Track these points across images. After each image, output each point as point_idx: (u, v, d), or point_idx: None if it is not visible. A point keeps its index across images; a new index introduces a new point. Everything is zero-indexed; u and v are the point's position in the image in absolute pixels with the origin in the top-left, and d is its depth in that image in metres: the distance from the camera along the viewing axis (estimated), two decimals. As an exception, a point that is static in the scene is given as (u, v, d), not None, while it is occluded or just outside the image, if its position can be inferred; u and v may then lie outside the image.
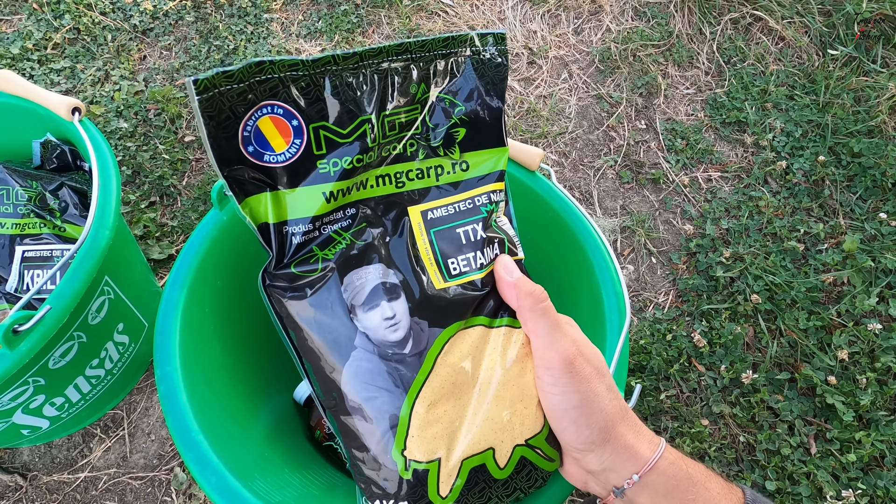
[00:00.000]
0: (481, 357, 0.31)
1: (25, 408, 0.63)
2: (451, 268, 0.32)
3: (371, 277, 0.30)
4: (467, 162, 0.34)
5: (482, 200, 0.33)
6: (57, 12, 1.23)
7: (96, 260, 0.57)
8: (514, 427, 0.30)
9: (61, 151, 0.75)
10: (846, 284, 0.94)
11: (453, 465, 0.29)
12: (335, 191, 0.30)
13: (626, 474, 0.29)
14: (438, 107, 0.32)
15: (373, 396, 0.29)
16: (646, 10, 1.30)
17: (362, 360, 0.30)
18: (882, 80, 1.15)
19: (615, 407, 0.29)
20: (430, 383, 0.30)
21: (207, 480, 0.45)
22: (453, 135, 0.33)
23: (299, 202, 0.30)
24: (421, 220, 0.32)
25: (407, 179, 0.32)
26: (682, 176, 1.09)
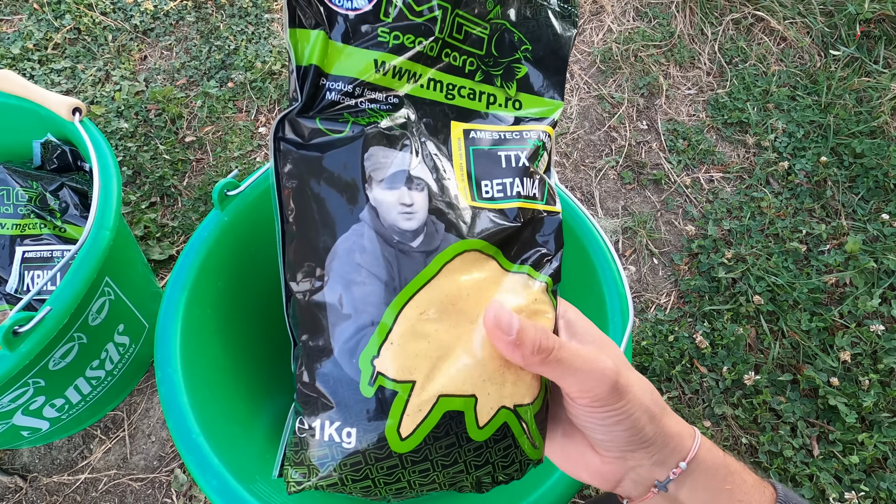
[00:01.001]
0: (489, 296, 0.27)
1: (25, 409, 0.63)
2: (482, 189, 0.28)
3: (398, 161, 0.27)
4: (521, 101, 0.32)
5: (531, 135, 0.31)
6: (57, 12, 1.23)
7: (97, 261, 0.56)
8: (504, 384, 0.26)
9: (62, 152, 0.74)
10: (848, 285, 0.94)
11: (428, 396, 0.24)
12: (388, 65, 0.27)
13: (672, 464, 0.27)
14: (507, 37, 0.31)
15: (360, 282, 0.25)
16: (647, 10, 1.30)
17: (362, 236, 0.25)
18: (884, 81, 1.15)
19: (655, 400, 0.27)
20: (429, 289, 0.25)
21: (208, 482, 0.45)
22: (514, 69, 0.31)
23: (348, 60, 0.27)
24: (462, 136, 0.30)
25: (458, 95, 0.30)
26: (684, 177, 1.08)
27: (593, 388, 0.25)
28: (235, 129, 1.10)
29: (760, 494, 0.29)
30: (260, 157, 1.08)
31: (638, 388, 0.27)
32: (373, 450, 0.24)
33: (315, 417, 0.25)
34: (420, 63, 0.29)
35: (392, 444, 0.24)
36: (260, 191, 0.63)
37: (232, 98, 1.14)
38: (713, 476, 0.28)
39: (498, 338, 0.25)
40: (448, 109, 0.30)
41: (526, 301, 0.27)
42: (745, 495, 0.28)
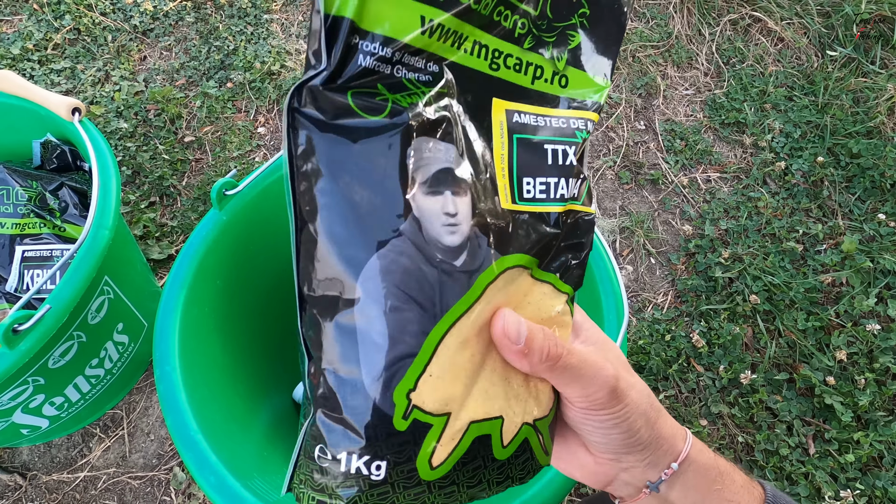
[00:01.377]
0: (521, 309, 0.24)
1: (25, 407, 0.63)
2: (524, 188, 0.25)
3: (443, 157, 0.22)
4: (567, 77, 0.27)
5: (578, 125, 0.27)
6: (57, 13, 1.23)
7: (96, 260, 0.57)
8: (527, 400, 0.25)
9: (61, 151, 0.75)
10: (845, 285, 0.94)
11: (461, 425, 0.23)
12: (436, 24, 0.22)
13: (664, 465, 0.28)
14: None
15: (399, 308, 0.21)
16: (645, 10, 1.30)
17: (403, 254, 0.21)
18: (881, 82, 1.16)
19: (651, 404, 0.28)
20: (470, 315, 0.22)
21: (206, 479, 0.45)
22: (567, 37, 0.27)
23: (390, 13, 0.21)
24: (505, 119, 0.25)
25: (504, 65, 0.25)
26: (681, 176, 1.09)
27: (594, 392, 0.25)
28: (234, 129, 1.10)
29: (749, 494, 0.29)
30: (259, 156, 1.08)
31: (636, 391, 0.27)
32: (402, 480, 0.23)
33: (340, 449, 0.22)
34: (469, 22, 0.23)
35: (422, 473, 0.23)
36: (258, 190, 0.64)
37: (231, 98, 1.14)
38: (703, 476, 0.29)
39: (506, 347, 0.24)
40: (491, 83, 0.25)
41: (549, 314, 0.26)
42: (734, 495, 0.29)
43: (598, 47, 0.28)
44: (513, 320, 0.23)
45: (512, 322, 0.23)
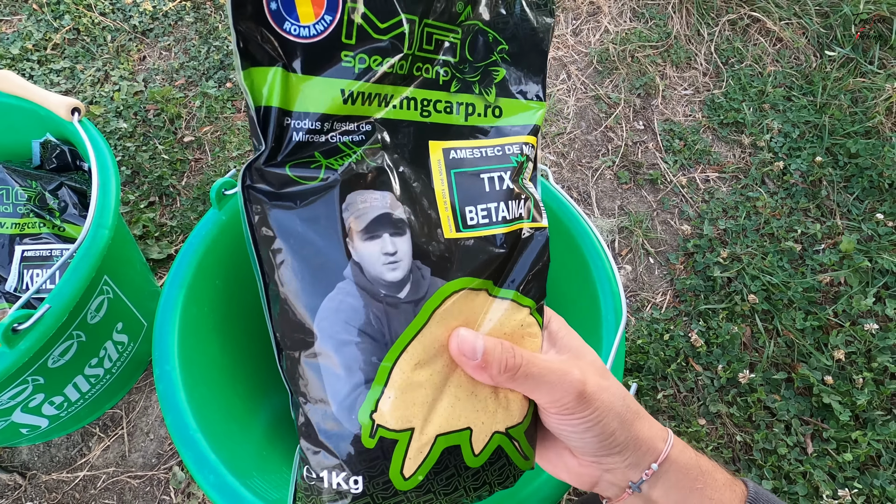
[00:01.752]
0: (475, 326, 0.27)
1: (25, 406, 0.63)
2: (467, 217, 0.27)
3: (377, 204, 0.25)
4: (500, 108, 0.30)
5: (513, 150, 0.29)
6: (57, 13, 1.23)
7: (95, 259, 0.57)
8: (496, 410, 0.27)
9: (61, 151, 0.75)
10: (843, 285, 0.95)
11: (427, 439, 0.25)
12: (355, 92, 0.25)
13: (645, 466, 0.29)
14: (481, 38, 0.29)
15: (351, 341, 0.24)
16: (644, 11, 1.30)
17: (349, 294, 0.24)
18: (879, 82, 1.16)
19: (628, 407, 0.29)
20: (420, 339, 0.25)
21: (205, 478, 0.45)
22: (492, 73, 0.29)
23: (311, 93, 0.25)
24: (442, 157, 0.28)
25: (434, 110, 0.28)
26: (680, 176, 1.09)
27: (560, 398, 0.27)
28: (234, 129, 1.10)
29: (731, 492, 0.30)
30: (258, 156, 1.08)
31: (609, 394, 0.28)
32: (379, 491, 0.25)
33: (322, 468, 0.25)
34: (390, 84, 0.27)
35: (396, 484, 0.25)
36: (257, 190, 0.64)
37: (230, 98, 1.14)
38: (685, 476, 0.29)
39: (464, 363, 0.26)
40: (425, 128, 0.28)
41: (512, 328, 0.27)
42: (715, 493, 0.29)
43: (524, 75, 0.30)
44: (468, 337, 0.26)
45: (467, 339, 0.25)
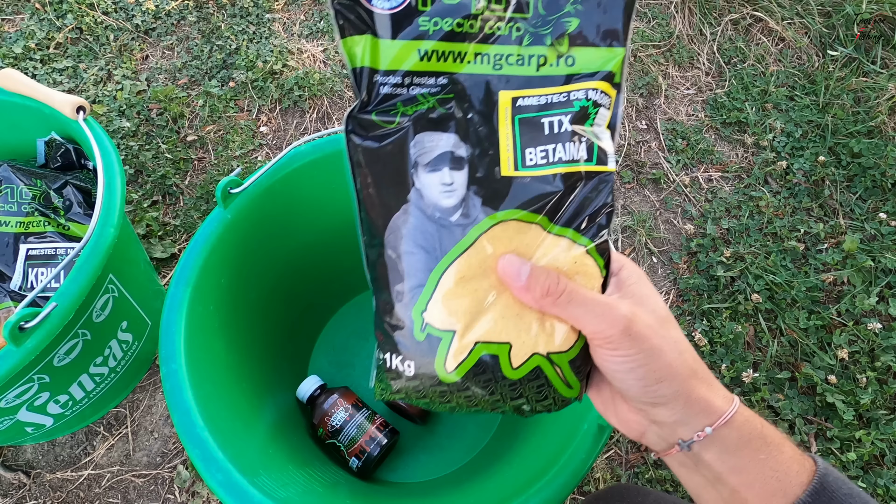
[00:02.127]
0: (527, 256, 0.30)
1: (30, 405, 0.63)
2: (527, 158, 0.31)
3: (442, 144, 0.30)
4: (574, 57, 0.31)
5: (577, 95, 0.31)
6: (59, 12, 1.23)
7: (101, 258, 0.57)
8: (539, 334, 0.30)
9: (66, 150, 0.75)
10: (846, 284, 0.95)
11: (466, 343, 0.30)
12: (431, 51, 0.30)
13: (698, 427, 0.28)
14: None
15: (411, 252, 0.30)
16: (646, 10, 1.30)
17: (410, 214, 0.30)
18: (882, 81, 1.16)
19: (685, 361, 0.28)
20: (466, 257, 0.30)
21: (213, 476, 0.45)
22: (564, 24, 0.30)
23: (395, 54, 0.30)
24: (510, 105, 0.31)
25: (506, 63, 0.31)
26: (683, 176, 1.09)
27: (604, 329, 0.28)
28: (237, 128, 1.10)
29: (800, 465, 0.29)
30: (261, 156, 1.08)
31: (662, 340, 0.28)
32: (427, 378, 0.31)
33: (387, 352, 0.31)
34: (464, 42, 0.30)
35: (440, 376, 0.31)
36: (263, 189, 0.64)
37: (233, 97, 1.14)
38: (745, 445, 0.28)
39: (509, 284, 0.29)
40: (497, 80, 0.31)
41: (566, 263, 0.30)
42: (780, 465, 0.28)
43: (601, 21, 0.31)
44: (514, 261, 0.29)
45: (513, 262, 0.29)
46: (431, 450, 0.73)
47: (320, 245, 0.75)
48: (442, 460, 0.71)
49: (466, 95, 0.31)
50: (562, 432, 0.52)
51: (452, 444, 0.73)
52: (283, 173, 0.64)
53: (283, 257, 0.73)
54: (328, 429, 0.68)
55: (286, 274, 0.73)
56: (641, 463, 0.81)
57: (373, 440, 0.67)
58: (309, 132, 1.13)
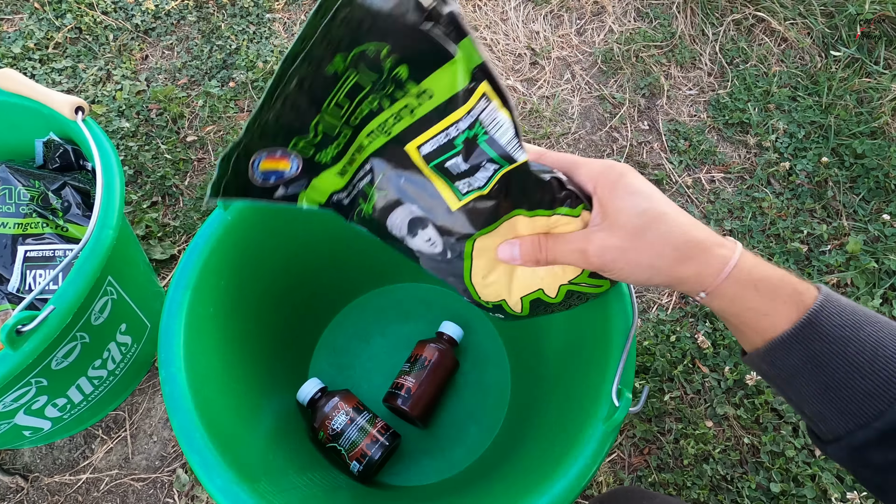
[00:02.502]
0: (527, 230, 0.39)
1: (28, 409, 0.63)
2: (461, 189, 0.37)
3: (403, 216, 0.38)
4: (428, 89, 0.33)
5: (452, 133, 0.35)
6: (58, 11, 1.23)
7: (100, 260, 0.56)
8: (554, 275, 0.41)
9: (64, 151, 0.74)
10: (850, 286, 0.94)
11: (516, 299, 0.43)
12: (342, 167, 0.38)
13: (696, 292, 0.34)
14: (362, 63, 0.32)
15: (445, 279, 0.43)
16: (648, 11, 1.30)
17: (427, 261, 0.42)
18: (885, 82, 1.15)
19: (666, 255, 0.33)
20: (475, 266, 0.41)
21: (212, 482, 0.45)
22: (398, 76, 0.33)
23: (327, 183, 0.39)
24: (419, 155, 0.36)
25: (391, 127, 0.36)
26: (685, 177, 1.08)
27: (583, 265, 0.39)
28: (237, 128, 1.10)
29: (794, 303, 0.33)
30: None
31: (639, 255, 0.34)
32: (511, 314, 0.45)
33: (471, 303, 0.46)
34: (350, 142, 0.37)
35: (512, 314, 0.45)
36: (263, 190, 0.63)
37: (233, 98, 1.14)
38: (739, 296, 0.33)
39: (512, 263, 0.40)
40: (395, 142, 0.36)
41: (544, 227, 0.39)
42: (770, 309, 0.33)
43: (420, 53, 0.32)
44: (504, 249, 0.39)
45: (503, 250, 0.39)
46: (433, 454, 0.72)
47: (321, 247, 0.74)
48: (444, 464, 0.71)
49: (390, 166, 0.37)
50: (566, 435, 0.51)
51: (454, 447, 0.72)
52: (283, 174, 0.63)
53: (284, 259, 0.73)
54: (329, 432, 0.68)
55: (286, 276, 0.73)
56: (644, 466, 0.80)
57: (374, 443, 0.66)
58: (309, 133, 1.12)
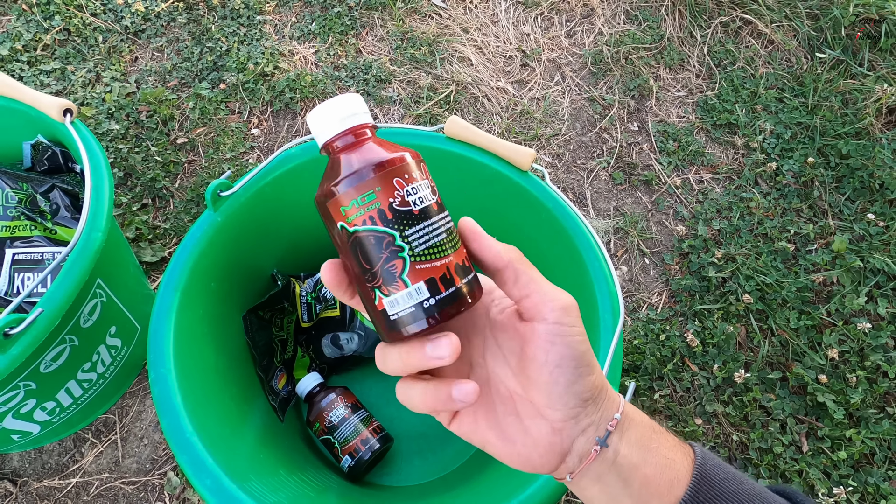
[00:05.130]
0: None
1: (16, 412, 0.62)
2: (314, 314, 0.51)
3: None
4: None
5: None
6: (47, 13, 1.22)
7: (88, 262, 0.56)
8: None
9: (52, 153, 0.74)
10: (836, 284, 0.95)
11: None
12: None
13: (609, 416, 0.27)
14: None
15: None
16: (637, 13, 1.31)
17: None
18: (869, 83, 1.17)
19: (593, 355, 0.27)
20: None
21: (202, 482, 0.45)
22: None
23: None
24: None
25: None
26: (675, 177, 1.10)
27: (565, 296, 0.26)
28: (227, 130, 1.10)
29: (682, 453, 0.28)
30: (252, 158, 1.08)
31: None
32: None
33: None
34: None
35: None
36: (253, 192, 0.63)
37: (224, 99, 1.13)
38: (642, 433, 0.27)
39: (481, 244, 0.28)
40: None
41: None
42: (669, 452, 0.28)
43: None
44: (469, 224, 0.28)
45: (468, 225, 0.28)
46: (424, 454, 0.72)
47: (310, 248, 0.74)
48: (434, 464, 0.71)
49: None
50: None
51: (444, 448, 0.72)
52: (273, 175, 0.64)
53: (273, 261, 0.73)
54: (325, 424, 0.68)
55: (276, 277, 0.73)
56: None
57: (366, 443, 0.67)
58: (301, 135, 1.12)
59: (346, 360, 0.75)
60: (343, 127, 0.26)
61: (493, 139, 0.64)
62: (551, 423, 0.26)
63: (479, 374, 0.28)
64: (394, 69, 1.20)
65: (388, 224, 0.24)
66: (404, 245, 0.24)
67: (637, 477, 0.27)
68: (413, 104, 1.16)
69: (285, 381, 0.72)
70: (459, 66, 1.21)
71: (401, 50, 1.23)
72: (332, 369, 0.77)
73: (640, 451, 0.27)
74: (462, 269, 0.26)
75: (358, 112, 0.27)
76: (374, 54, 1.23)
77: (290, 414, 0.73)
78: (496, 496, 0.51)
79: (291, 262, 0.75)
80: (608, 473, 0.27)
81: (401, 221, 0.24)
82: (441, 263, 0.25)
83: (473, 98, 1.17)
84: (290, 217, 0.68)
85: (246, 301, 0.68)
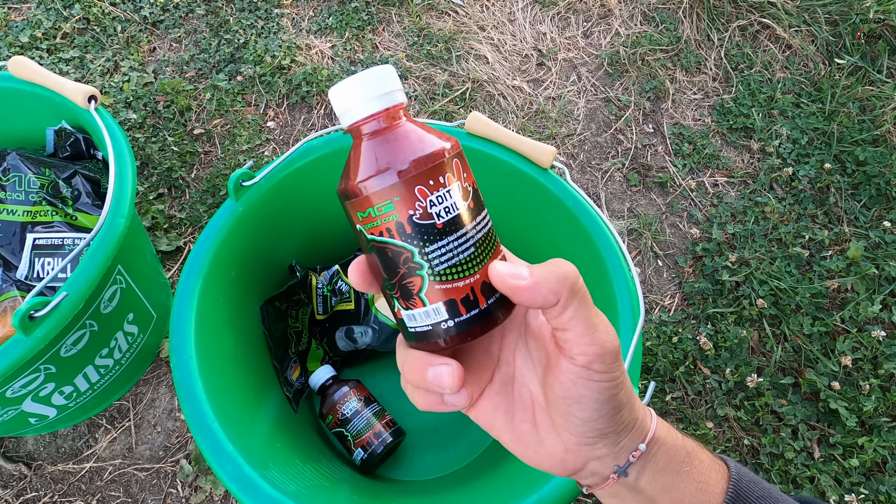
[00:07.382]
0: None
1: (35, 395, 0.63)
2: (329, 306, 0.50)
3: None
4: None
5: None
6: (67, 2, 1.23)
7: (112, 248, 0.57)
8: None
9: (75, 139, 0.75)
10: (850, 291, 0.95)
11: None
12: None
13: (632, 447, 0.26)
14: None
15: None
16: (654, 15, 1.31)
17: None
18: (887, 91, 1.17)
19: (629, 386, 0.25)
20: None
21: (223, 468, 0.45)
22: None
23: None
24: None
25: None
26: (689, 180, 1.09)
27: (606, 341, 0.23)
28: (244, 122, 1.10)
29: (717, 473, 0.28)
30: (268, 150, 1.08)
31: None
32: None
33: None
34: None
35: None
36: (274, 182, 0.63)
37: (241, 91, 1.14)
38: (672, 458, 0.26)
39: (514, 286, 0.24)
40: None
41: None
42: (702, 475, 0.27)
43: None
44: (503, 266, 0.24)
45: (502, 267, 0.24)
46: (436, 449, 0.72)
47: (328, 241, 0.75)
48: (446, 459, 0.71)
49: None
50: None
51: (457, 443, 0.72)
52: (294, 167, 0.64)
53: (293, 250, 0.73)
54: (338, 416, 0.68)
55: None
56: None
57: (378, 436, 0.67)
58: (316, 128, 1.12)
59: (359, 353, 0.75)
60: (371, 110, 0.22)
61: (514, 136, 0.64)
62: (565, 443, 0.26)
63: (505, 372, 0.27)
64: (410, 65, 1.20)
65: (406, 239, 0.22)
66: (423, 263, 0.22)
67: (663, 501, 0.26)
68: (429, 101, 1.16)
69: (299, 373, 0.72)
70: (475, 63, 1.21)
71: (417, 46, 1.23)
72: (345, 362, 0.77)
73: (668, 477, 0.26)
74: (490, 287, 0.23)
75: (390, 90, 0.23)
76: (390, 50, 1.23)
77: (303, 405, 0.73)
78: (509, 493, 0.51)
79: (308, 254, 0.75)
80: (629, 497, 0.27)
81: (421, 237, 0.22)
82: (465, 283, 0.22)
83: (489, 96, 1.17)
84: (309, 209, 0.69)
85: (263, 291, 0.68)
